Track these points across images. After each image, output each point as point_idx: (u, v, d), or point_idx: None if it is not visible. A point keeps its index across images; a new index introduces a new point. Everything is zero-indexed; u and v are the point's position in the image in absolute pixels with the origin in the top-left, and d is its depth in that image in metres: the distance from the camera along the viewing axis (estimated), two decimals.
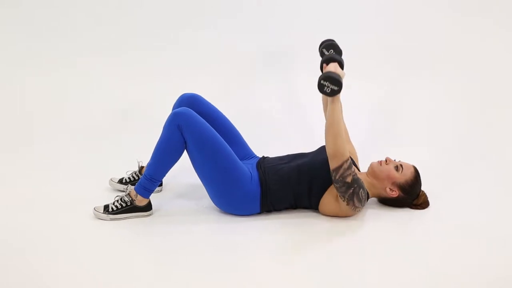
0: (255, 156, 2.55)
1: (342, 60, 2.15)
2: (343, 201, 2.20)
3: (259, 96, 3.46)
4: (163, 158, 2.24)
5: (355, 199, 2.18)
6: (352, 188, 2.14)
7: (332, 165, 2.13)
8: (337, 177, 2.13)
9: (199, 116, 2.25)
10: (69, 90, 3.48)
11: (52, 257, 1.99)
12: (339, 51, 2.33)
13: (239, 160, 2.30)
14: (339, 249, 2.09)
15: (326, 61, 2.15)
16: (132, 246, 2.11)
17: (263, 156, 2.50)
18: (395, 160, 2.37)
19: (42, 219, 2.27)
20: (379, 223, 2.28)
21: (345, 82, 2.05)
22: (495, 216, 2.35)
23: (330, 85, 1.97)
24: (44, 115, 3.35)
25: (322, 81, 1.96)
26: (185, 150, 2.26)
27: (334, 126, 2.06)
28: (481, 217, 2.34)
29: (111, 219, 2.25)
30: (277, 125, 3.33)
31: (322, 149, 2.40)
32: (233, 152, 2.28)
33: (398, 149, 2.90)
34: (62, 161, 2.90)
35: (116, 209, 2.26)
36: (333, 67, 2.07)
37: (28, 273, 1.90)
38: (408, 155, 2.58)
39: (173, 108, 2.49)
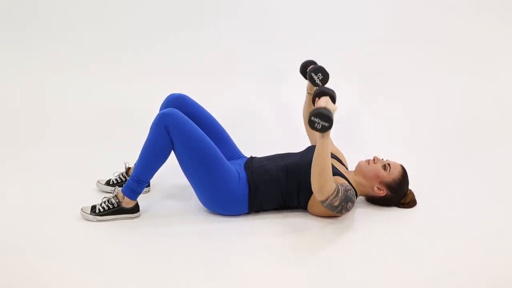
0: (243, 156, 2.54)
1: (334, 94, 2.17)
2: (332, 212, 2.21)
3: (247, 96, 3.46)
4: (150, 159, 2.23)
5: (343, 211, 2.20)
6: (340, 207, 2.15)
7: (318, 197, 2.11)
8: (324, 204, 2.14)
9: (186, 117, 2.24)
10: (57, 91, 3.47)
11: (38, 258, 1.98)
12: (326, 75, 2.34)
13: (226, 161, 2.30)
14: (330, 248, 2.09)
15: (318, 94, 2.17)
16: (119, 248, 2.09)
17: (251, 156, 2.50)
18: (383, 159, 2.37)
19: (28, 220, 2.26)
20: (367, 222, 2.28)
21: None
22: (482, 214, 2.36)
23: (320, 122, 1.97)
24: (31, 116, 3.34)
25: (312, 118, 1.97)
26: (172, 151, 2.25)
27: (321, 160, 2.04)
28: (468, 215, 2.35)
29: (98, 221, 2.24)
30: (265, 125, 3.34)
31: (310, 149, 2.41)
32: (220, 153, 2.28)
33: (386, 148, 2.92)
34: (49, 162, 2.88)
35: (103, 211, 2.25)
36: (324, 101, 2.06)
37: (15, 273, 1.88)
38: (396, 155, 2.59)
39: (160, 109, 2.48)
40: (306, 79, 2.49)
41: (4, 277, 1.87)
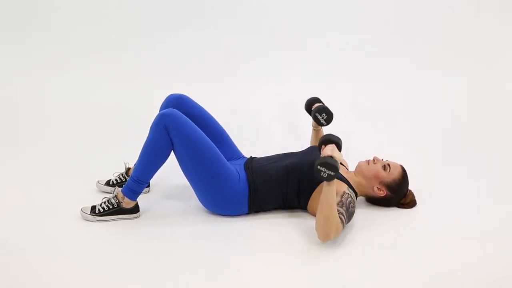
0: (242, 157, 2.54)
1: (340, 141, 2.25)
2: None
3: (247, 97, 3.46)
4: (150, 159, 2.23)
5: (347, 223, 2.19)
6: (343, 225, 2.14)
7: (323, 241, 2.08)
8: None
9: (186, 117, 2.24)
10: (57, 91, 3.46)
11: (38, 258, 1.98)
12: (330, 114, 2.47)
13: (226, 161, 2.29)
14: (330, 248, 2.09)
15: (324, 142, 2.24)
16: (119, 248, 2.09)
17: (251, 157, 2.50)
18: (382, 160, 2.37)
19: (28, 220, 2.26)
20: (367, 222, 2.28)
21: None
22: (482, 214, 2.37)
23: (326, 171, 2.01)
24: (31, 116, 3.34)
25: (318, 167, 2.01)
26: (172, 151, 2.25)
27: (327, 207, 2.04)
28: (468, 215, 2.36)
29: (98, 221, 2.24)
30: (265, 125, 3.34)
31: (311, 149, 2.41)
32: (220, 153, 2.28)
33: (386, 149, 2.92)
34: (49, 162, 2.89)
35: (103, 211, 2.25)
36: (329, 150, 2.09)
37: (15, 273, 1.89)
38: (396, 155, 2.59)
39: (160, 109, 2.48)
40: (311, 116, 2.55)
41: (4, 277, 1.87)
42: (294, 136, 3.15)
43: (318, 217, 2.06)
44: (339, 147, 2.22)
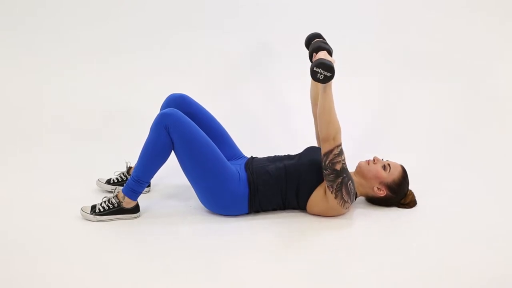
0: (243, 157, 2.54)
1: (331, 48, 2.16)
2: (331, 192, 2.19)
3: (247, 97, 3.46)
4: (151, 159, 2.23)
5: (343, 191, 2.18)
6: (341, 178, 2.15)
7: (324, 149, 2.13)
8: (327, 162, 2.14)
9: (186, 117, 2.24)
10: (57, 91, 3.46)
11: (38, 257, 1.98)
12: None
13: (227, 161, 2.30)
14: (330, 248, 2.10)
15: (315, 50, 2.16)
16: (119, 248, 2.10)
17: (252, 157, 2.50)
18: (383, 160, 2.37)
19: (28, 219, 2.26)
20: (367, 222, 2.29)
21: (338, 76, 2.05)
22: (482, 214, 2.37)
23: (323, 72, 1.97)
24: (31, 116, 3.33)
25: (315, 68, 1.96)
26: (172, 151, 2.25)
27: (326, 114, 2.06)
28: (469, 215, 2.36)
29: (98, 220, 2.24)
30: (266, 125, 3.33)
31: (310, 149, 2.41)
32: (220, 153, 2.28)
33: (387, 149, 2.92)
34: (49, 161, 2.88)
35: (103, 211, 2.25)
36: (322, 55, 2.08)
37: (16, 273, 1.89)
38: (396, 155, 2.59)
39: (161, 109, 2.48)
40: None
41: (5, 277, 1.87)
42: (295, 136, 3.15)
43: (319, 125, 2.10)
44: (330, 54, 2.14)
